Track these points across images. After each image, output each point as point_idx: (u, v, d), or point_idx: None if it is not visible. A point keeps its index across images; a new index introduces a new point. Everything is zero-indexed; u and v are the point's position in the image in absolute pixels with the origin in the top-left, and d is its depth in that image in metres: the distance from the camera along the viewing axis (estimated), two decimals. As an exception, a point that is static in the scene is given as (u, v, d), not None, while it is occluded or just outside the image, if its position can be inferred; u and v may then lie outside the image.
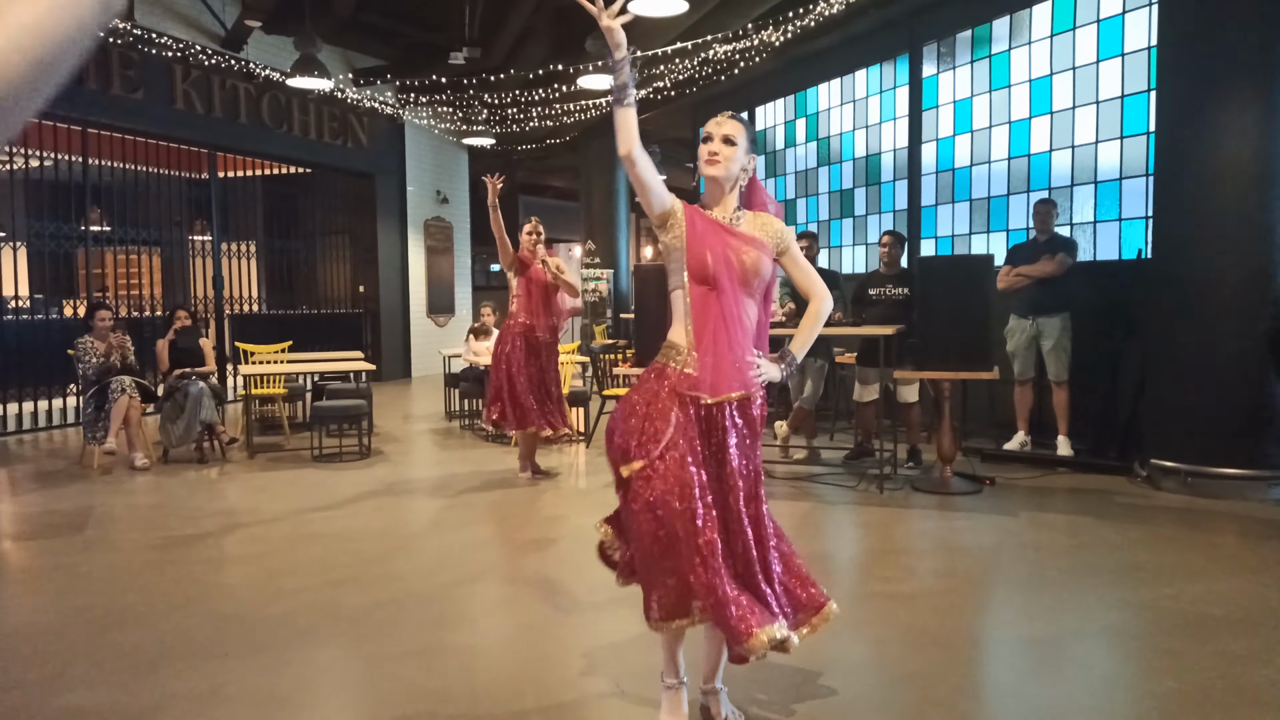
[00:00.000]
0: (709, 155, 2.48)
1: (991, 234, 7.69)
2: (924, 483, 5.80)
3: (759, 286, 2.50)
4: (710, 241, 2.44)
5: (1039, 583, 4.00)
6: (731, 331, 2.43)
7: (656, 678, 2.67)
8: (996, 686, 3.08)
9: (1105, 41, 6.67)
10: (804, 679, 2.98)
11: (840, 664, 3.10)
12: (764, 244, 2.50)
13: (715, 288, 2.42)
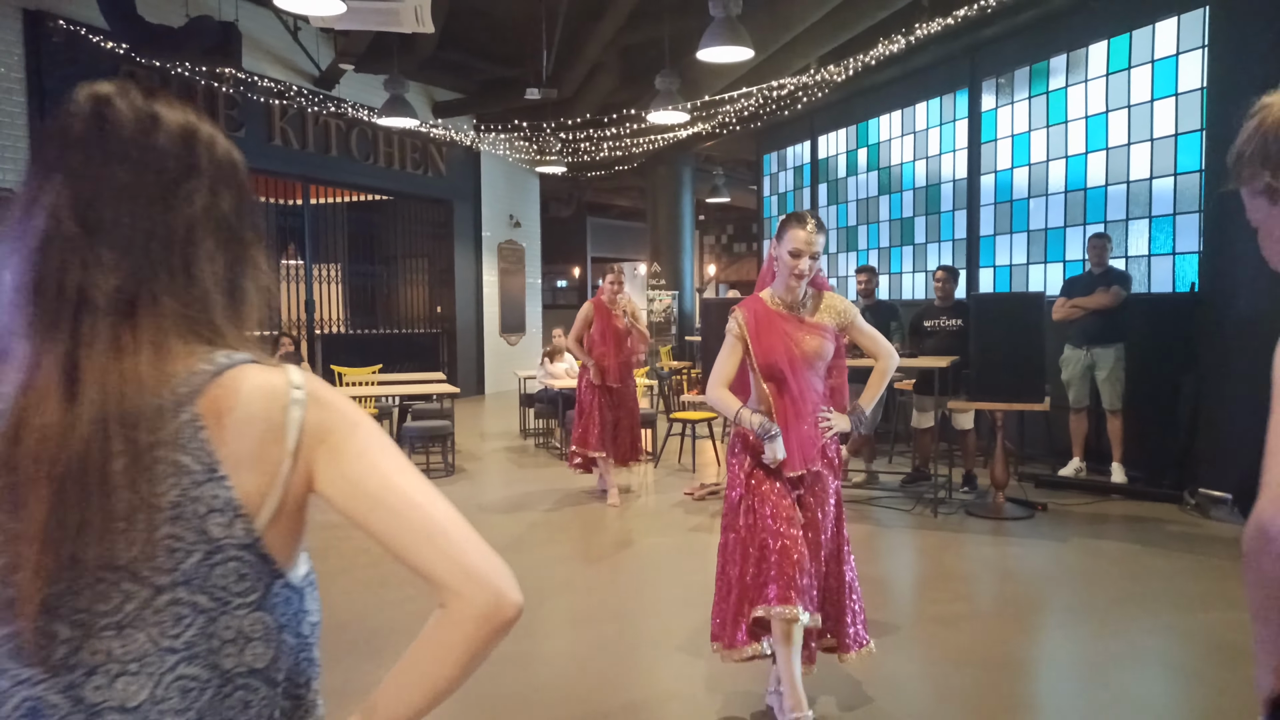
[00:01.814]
0: (800, 271, 2.87)
1: (1049, 265, 7.92)
2: (978, 508, 6.08)
3: (821, 366, 2.91)
4: (771, 341, 2.89)
5: (1087, 609, 4.28)
6: (801, 411, 2.87)
7: (723, 683, 3.07)
8: (1037, 707, 3.40)
9: (1159, 81, 6.88)
10: (855, 693, 3.34)
11: (890, 681, 3.46)
12: (827, 328, 2.94)
13: (783, 382, 2.87)
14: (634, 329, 6.64)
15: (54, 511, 0.79)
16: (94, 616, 0.82)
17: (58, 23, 8.06)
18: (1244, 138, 1.25)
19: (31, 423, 0.81)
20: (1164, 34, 6.84)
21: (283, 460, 0.88)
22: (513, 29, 10.40)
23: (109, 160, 0.87)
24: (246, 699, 0.87)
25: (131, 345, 0.84)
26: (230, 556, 0.85)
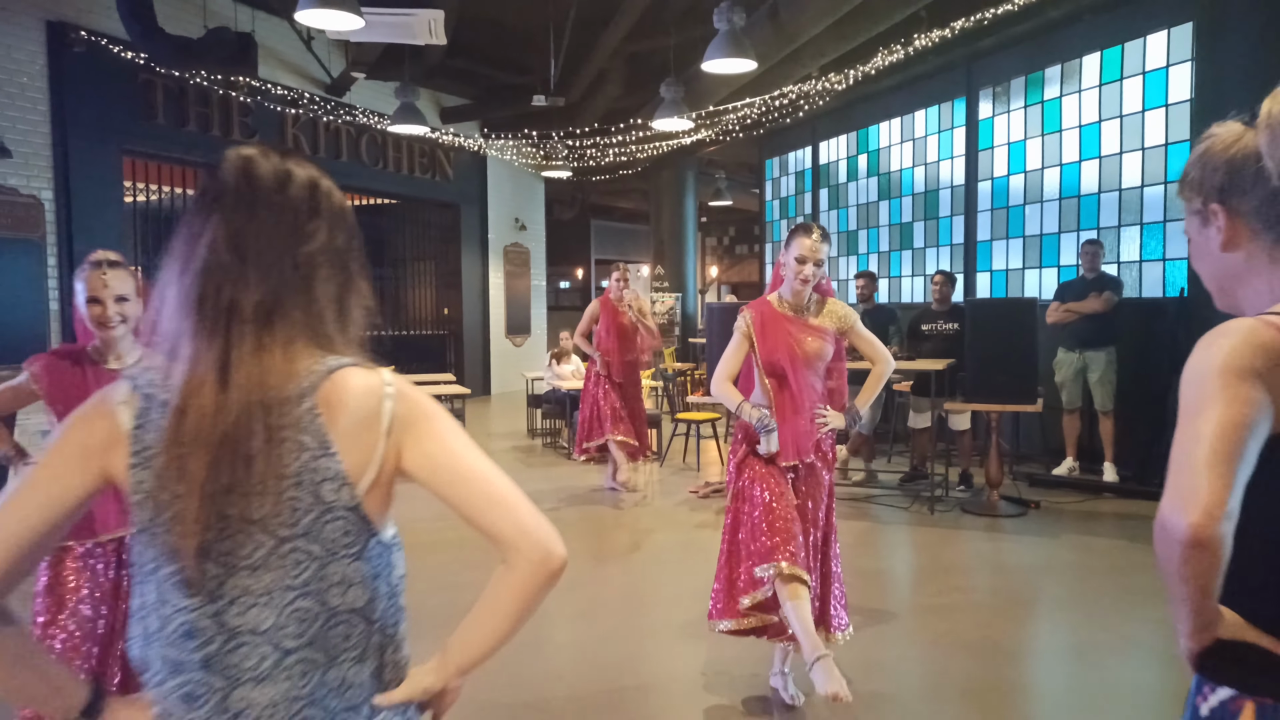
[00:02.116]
0: (805, 276, 3.10)
1: (1043, 270, 8.13)
2: (973, 505, 6.31)
3: (821, 366, 3.13)
4: (776, 340, 3.12)
5: (1076, 600, 4.51)
6: (799, 407, 3.08)
7: (728, 667, 3.29)
8: (1027, 691, 3.62)
9: (1150, 92, 7.10)
10: (856, 676, 3.56)
11: (887, 665, 3.68)
12: (828, 331, 3.17)
13: (784, 379, 3.08)
14: (641, 325, 6.83)
15: (209, 476, 1.03)
16: (235, 559, 1.05)
17: (79, 33, 8.28)
18: (1191, 160, 1.39)
19: (193, 405, 1.04)
20: (1154, 47, 7.06)
21: (378, 442, 1.11)
22: (520, 37, 10.62)
23: (255, 206, 1.10)
24: (347, 632, 1.09)
25: (269, 346, 1.08)
26: (338, 516, 1.08)
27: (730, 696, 3.39)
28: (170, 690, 1.06)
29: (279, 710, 1.06)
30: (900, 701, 3.39)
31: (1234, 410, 1.11)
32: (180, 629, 1.04)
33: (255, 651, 1.05)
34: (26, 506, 1.05)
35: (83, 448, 1.08)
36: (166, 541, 1.03)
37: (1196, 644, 1.22)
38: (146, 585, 1.08)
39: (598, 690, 3.49)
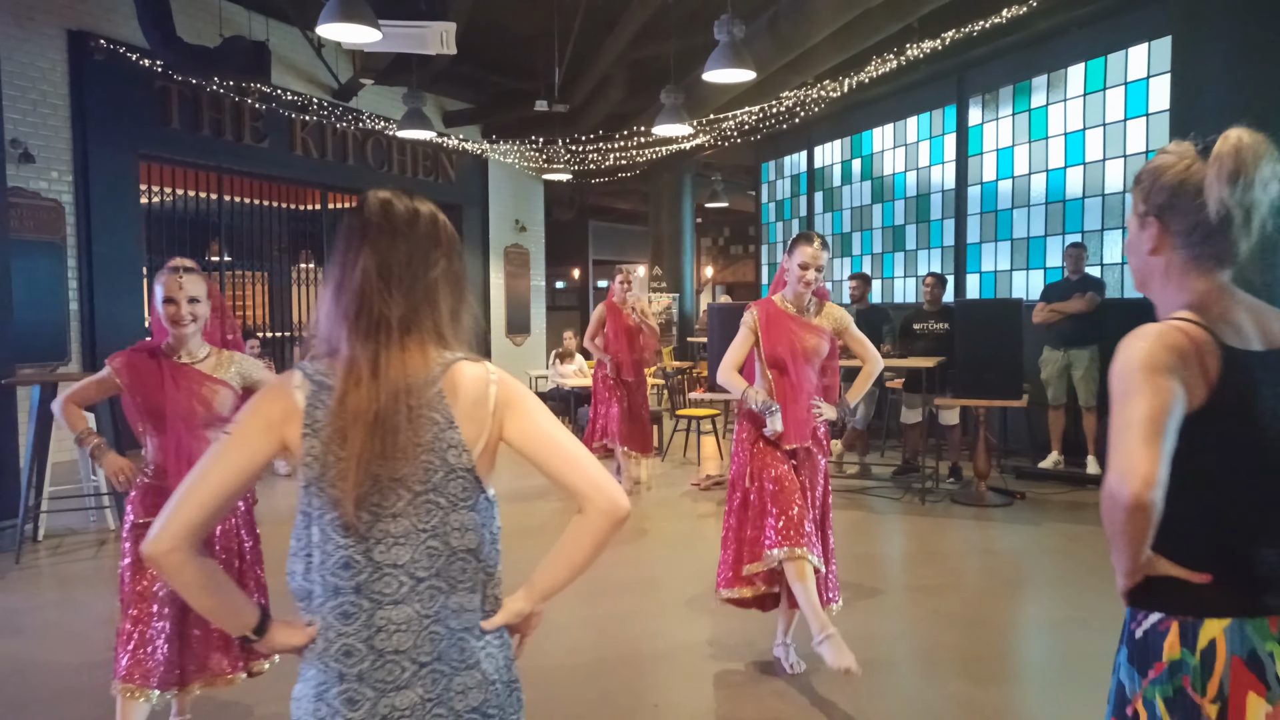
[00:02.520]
0: (807, 281, 3.47)
1: (1030, 271, 8.46)
2: (962, 496, 6.62)
3: (818, 362, 3.45)
4: (778, 335, 3.46)
5: (1058, 580, 4.83)
6: (798, 396, 3.40)
7: (733, 638, 3.59)
8: (1010, 659, 3.93)
9: (1131, 102, 7.43)
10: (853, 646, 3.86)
11: (882, 638, 3.99)
12: (825, 330, 3.51)
13: (784, 370, 3.40)
14: (644, 326, 7.14)
15: (365, 446, 1.33)
16: (382, 509, 1.35)
17: (99, 42, 8.53)
18: (1146, 168, 1.58)
19: (352, 392, 1.35)
20: (1135, 59, 7.39)
21: (487, 418, 1.42)
22: (524, 44, 10.90)
23: (395, 239, 1.41)
24: (463, 567, 1.40)
25: (408, 348, 1.39)
26: (459, 476, 1.39)
27: (736, 663, 3.70)
28: (330, 610, 1.36)
29: (412, 626, 1.35)
30: (894, 667, 3.70)
31: (1156, 399, 1.38)
32: (339, 561, 1.35)
33: (395, 580, 1.35)
34: (222, 467, 1.35)
35: (267, 420, 1.38)
36: (331, 494, 1.33)
37: (1130, 583, 1.53)
38: (311, 528, 1.38)
39: (615, 657, 3.79)
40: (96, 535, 5.88)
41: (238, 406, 2.91)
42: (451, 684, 1.38)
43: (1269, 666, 1.42)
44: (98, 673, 3.59)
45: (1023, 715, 3.36)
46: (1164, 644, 1.48)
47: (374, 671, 1.35)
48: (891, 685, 3.57)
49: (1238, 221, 1.45)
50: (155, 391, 2.84)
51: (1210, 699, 1.43)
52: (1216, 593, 1.44)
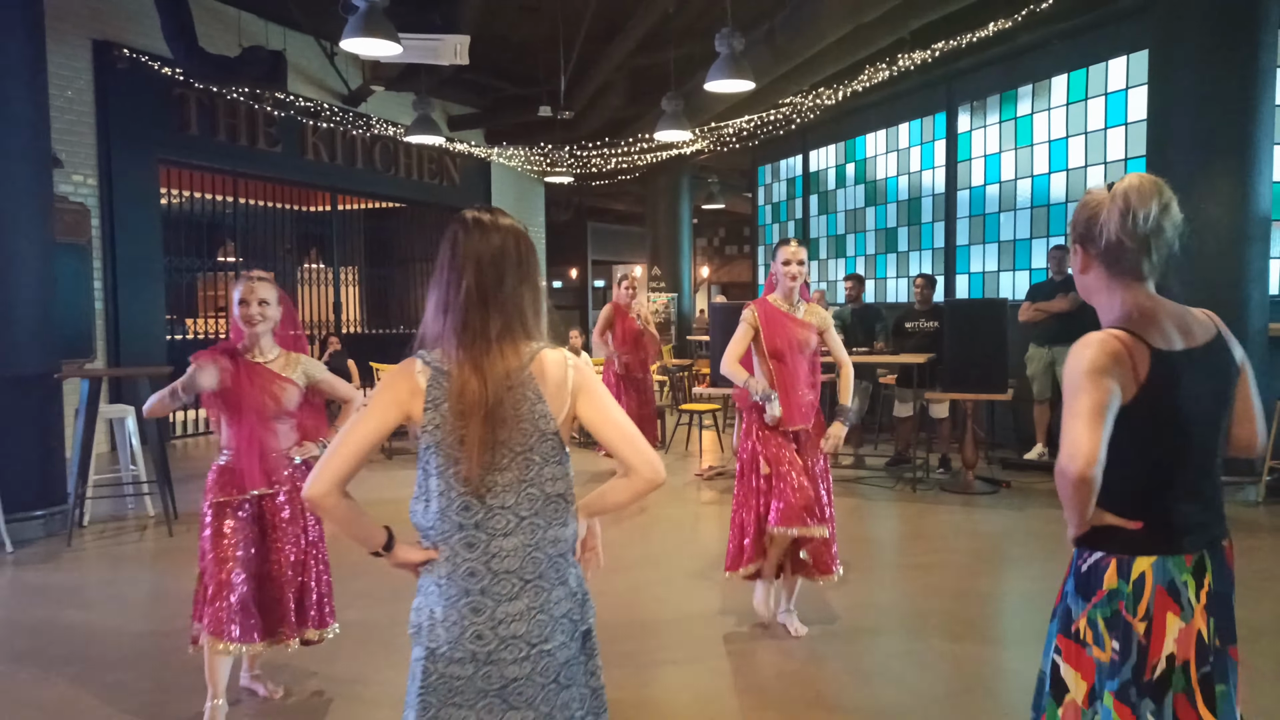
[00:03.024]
0: (793, 275, 3.89)
1: (1016, 272, 8.86)
2: (951, 485, 7.01)
3: (809, 353, 3.93)
4: (777, 330, 3.90)
5: (1038, 558, 5.22)
6: (795, 383, 3.86)
7: (738, 605, 3.97)
8: (987, 619, 4.32)
9: (1111, 112, 7.83)
10: (851, 615, 4.25)
11: (879, 606, 4.38)
12: (813, 326, 3.96)
13: (783, 360, 3.81)
14: (646, 331, 7.57)
15: (484, 430, 1.71)
16: (495, 466, 1.73)
17: (122, 51, 8.88)
18: (1083, 199, 1.91)
19: (466, 387, 1.72)
20: (1115, 71, 7.79)
21: (566, 396, 1.80)
22: (527, 52, 11.27)
23: (488, 266, 1.77)
24: (556, 507, 1.78)
25: (504, 349, 1.76)
26: (548, 438, 1.77)
27: (742, 625, 4.09)
28: (457, 541, 1.74)
29: (518, 552, 1.75)
30: (888, 632, 4.08)
31: (1097, 395, 1.75)
32: (461, 505, 1.74)
33: (504, 517, 1.74)
34: (362, 431, 1.73)
35: (396, 396, 1.76)
36: (456, 456, 1.72)
37: (1077, 532, 1.90)
38: (430, 480, 1.76)
39: (631, 623, 4.16)
40: (136, 521, 6.22)
41: (302, 401, 3.34)
42: (550, 596, 1.79)
43: (1183, 593, 1.80)
44: (165, 639, 3.96)
45: (1000, 669, 3.74)
46: (1104, 576, 1.84)
47: (492, 587, 1.75)
48: (884, 645, 3.95)
49: (1134, 247, 1.81)
50: (232, 387, 3.21)
51: (1139, 618, 1.80)
52: (1145, 537, 1.81)
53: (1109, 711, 1.83)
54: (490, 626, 1.74)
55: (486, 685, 1.75)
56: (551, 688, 1.79)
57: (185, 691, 3.44)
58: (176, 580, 5.01)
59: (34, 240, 5.75)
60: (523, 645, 1.76)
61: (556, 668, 1.79)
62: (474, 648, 1.74)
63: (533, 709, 1.77)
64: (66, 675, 3.62)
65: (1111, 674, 1.83)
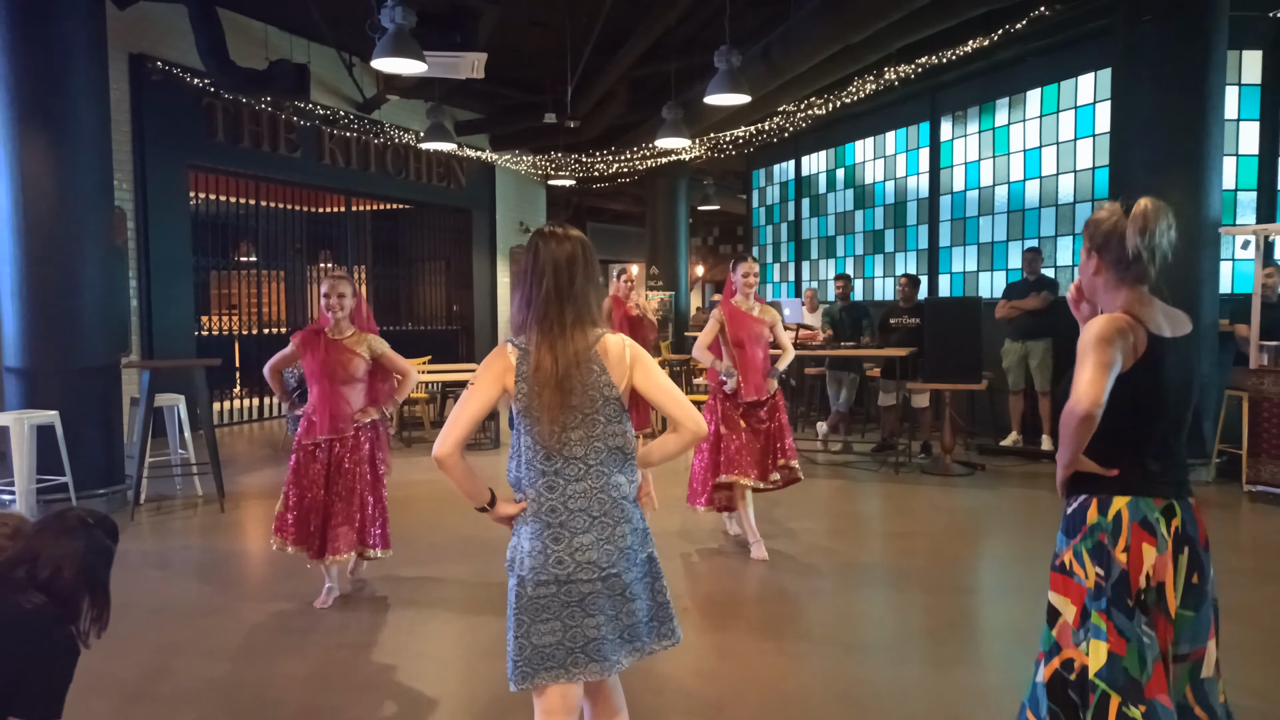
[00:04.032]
0: (750, 284, 4.99)
1: (994, 272, 9.49)
2: (931, 468, 7.64)
3: (763, 342, 4.93)
4: (739, 324, 4.95)
5: (1004, 528, 5.85)
6: (753, 364, 4.89)
7: (703, 529, 4.59)
8: (960, 575, 4.93)
9: (1081, 124, 8.46)
10: (841, 573, 4.87)
11: (864, 566, 5.00)
12: (766, 322, 5.02)
13: (743, 348, 4.83)
14: (645, 318, 8.18)
15: (555, 392, 2.21)
16: (566, 426, 2.19)
17: (155, 63, 9.43)
18: (1091, 219, 2.27)
19: (541, 364, 2.18)
20: (1084, 86, 8.43)
21: (626, 369, 2.24)
22: (536, 62, 11.85)
23: (563, 269, 2.22)
24: (617, 458, 2.23)
25: (574, 335, 2.20)
26: (610, 402, 2.22)
27: (710, 544, 4.86)
28: (540, 485, 2.19)
29: (589, 493, 2.19)
30: (872, 585, 4.70)
31: (1104, 356, 2.11)
32: (543, 454, 2.20)
33: (576, 466, 2.20)
34: (474, 403, 2.20)
35: (494, 373, 2.22)
36: (538, 418, 2.18)
37: (1064, 475, 2.28)
38: (523, 438, 2.22)
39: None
40: (185, 499, 6.79)
41: (368, 370, 4.29)
42: (615, 530, 2.22)
43: (1156, 528, 2.14)
44: (239, 590, 4.55)
45: (971, 616, 4.36)
46: (1086, 514, 2.19)
47: (569, 521, 2.19)
48: (868, 594, 4.57)
49: (1146, 258, 2.18)
50: (314, 357, 4.17)
51: (1120, 549, 2.13)
52: (1121, 481, 2.17)
53: (1097, 627, 2.13)
54: (569, 553, 2.17)
55: (568, 599, 2.17)
56: (619, 599, 2.21)
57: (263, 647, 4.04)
58: (238, 546, 5.62)
59: (97, 245, 6.31)
60: (594, 569, 2.17)
61: (623, 585, 2.21)
62: (556, 571, 2.16)
63: (603, 614, 2.19)
64: (166, 619, 4.21)
65: (1097, 596, 2.14)
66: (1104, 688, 2.09)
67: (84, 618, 2.17)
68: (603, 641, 2.18)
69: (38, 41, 6.07)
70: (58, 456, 5.90)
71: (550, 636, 2.17)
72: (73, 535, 2.17)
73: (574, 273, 2.23)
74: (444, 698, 3.43)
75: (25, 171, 6.02)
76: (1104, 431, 2.14)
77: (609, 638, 2.19)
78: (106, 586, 2.23)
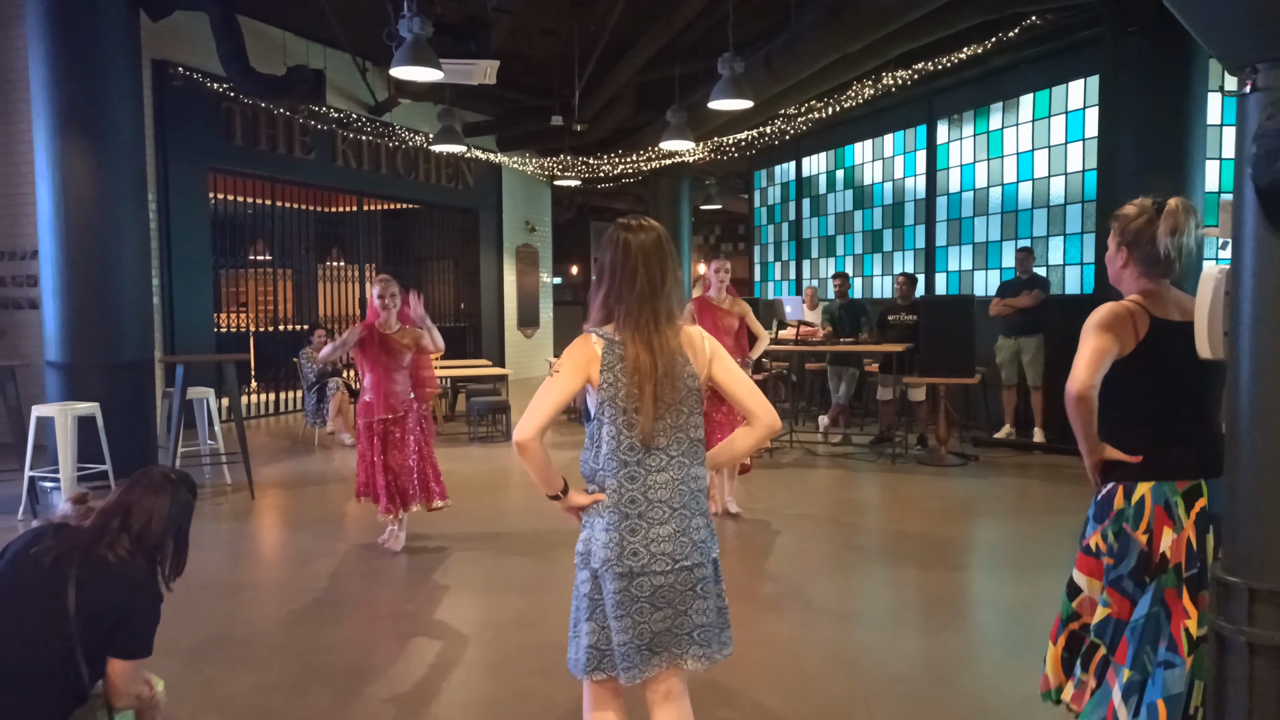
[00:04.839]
0: (722, 280, 5.44)
1: (989, 271, 9.81)
2: (926, 459, 7.97)
3: (732, 333, 5.32)
4: (706, 317, 5.36)
5: (987, 514, 6.18)
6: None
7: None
8: (950, 553, 5.26)
9: (1072, 128, 8.79)
10: (835, 552, 5.20)
11: (861, 545, 5.33)
12: (733, 314, 5.41)
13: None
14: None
15: (655, 388, 2.13)
16: (659, 417, 2.15)
17: (177, 69, 9.75)
18: (1121, 214, 2.37)
19: (641, 360, 2.12)
20: (1074, 92, 8.75)
21: (706, 362, 2.24)
22: (543, 67, 12.17)
23: (655, 263, 2.19)
24: (696, 449, 2.20)
25: (665, 329, 2.18)
26: (693, 393, 2.20)
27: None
28: (622, 475, 2.14)
29: (670, 484, 2.15)
30: (868, 563, 5.03)
31: (1099, 344, 2.27)
32: (628, 446, 2.15)
33: (659, 457, 2.16)
34: (556, 390, 2.14)
35: (578, 363, 2.16)
36: (632, 411, 2.13)
37: (1089, 461, 2.44)
38: (605, 428, 2.15)
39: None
40: (214, 488, 7.11)
41: (412, 359, 5.05)
42: (690, 522, 2.18)
43: (1174, 510, 2.24)
44: (276, 569, 4.88)
45: (960, 590, 4.69)
46: (1113, 501, 2.32)
47: (648, 511, 2.14)
48: (864, 570, 4.91)
49: (1173, 255, 2.30)
50: (369, 347, 4.92)
51: (1141, 532, 2.26)
52: (1144, 468, 2.28)
53: (1105, 598, 2.29)
54: (644, 545, 2.13)
55: (638, 593, 2.13)
56: (689, 595, 2.17)
57: (306, 617, 4.38)
58: (269, 529, 5.96)
59: (134, 248, 6.66)
60: (668, 561, 2.13)
61: (694, 581, 2.17)
62: (630, 563, 2.12)
63: (672, 608, 2.16)
64: (214, 593, 4.55)
65: (1110, 571, 2.29)
66: (1094, 639, 2.31)
67: (166, 563, 2.49)
68: (666, 635, 2.17)
69: (77, 50, 6.40)
70: (98, 446, 6.23)
71: (622, 634, 2.16)
72: (159, 491, 2.49)
73: (665, 268, 2.22)
74: (477, 660, 3.76)
75: (66, 176, 6.36)
76: (1123, 418, 2.30)
77: (677, 632, 2.18)
78: (187, 536, 2.54)
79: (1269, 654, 1.73)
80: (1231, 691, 1.77)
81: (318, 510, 6.47)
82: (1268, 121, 1.61)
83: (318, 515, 6.30)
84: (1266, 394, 1.73)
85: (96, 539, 2.35)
